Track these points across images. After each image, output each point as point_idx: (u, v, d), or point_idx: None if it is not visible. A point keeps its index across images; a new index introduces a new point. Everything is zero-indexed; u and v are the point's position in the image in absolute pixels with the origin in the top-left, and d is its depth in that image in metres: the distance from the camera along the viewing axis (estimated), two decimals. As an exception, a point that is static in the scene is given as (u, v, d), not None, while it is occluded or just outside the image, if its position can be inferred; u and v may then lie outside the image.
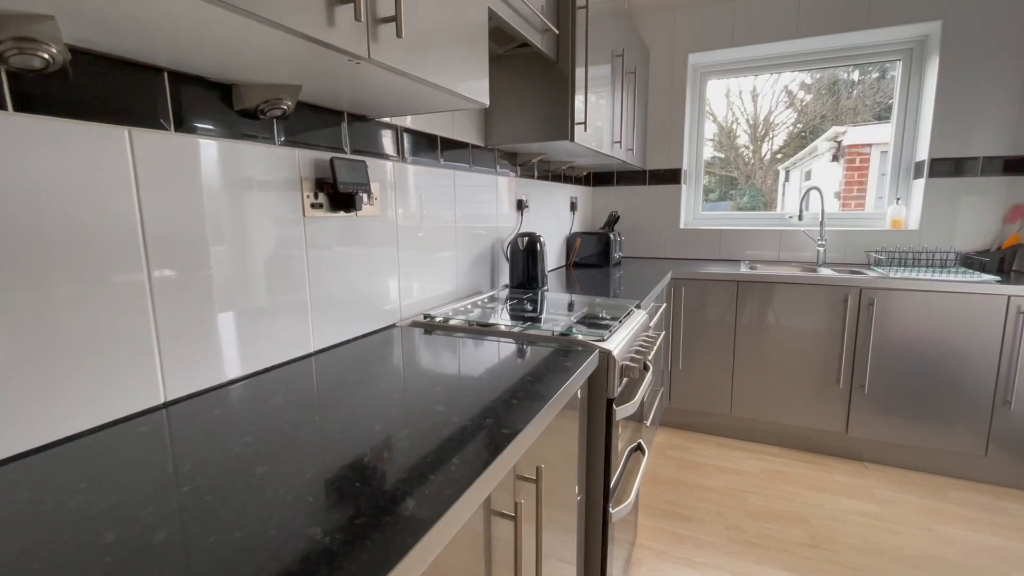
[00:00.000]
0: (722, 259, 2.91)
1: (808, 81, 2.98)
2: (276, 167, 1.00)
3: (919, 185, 2.51)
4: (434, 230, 1.53)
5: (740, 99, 3.15)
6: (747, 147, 3.21)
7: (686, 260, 2.92)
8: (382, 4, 0.77)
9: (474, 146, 1.73)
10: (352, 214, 1.19)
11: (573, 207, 2.81)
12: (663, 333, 1.72)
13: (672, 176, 2.97)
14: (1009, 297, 1.96)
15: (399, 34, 0.77)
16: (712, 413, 2.54)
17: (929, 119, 2.43)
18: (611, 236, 2.62)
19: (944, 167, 2.42)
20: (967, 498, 2.01)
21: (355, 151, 1.20)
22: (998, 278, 2.07)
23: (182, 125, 0.82)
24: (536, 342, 1.18)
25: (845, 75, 2.87)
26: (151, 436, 0.71)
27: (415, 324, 1.37)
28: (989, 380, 2.03)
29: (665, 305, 2.42)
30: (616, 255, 2.70)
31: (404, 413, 0.78)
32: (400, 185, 1.36)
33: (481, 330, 1.28)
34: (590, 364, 1.07)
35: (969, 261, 2.34)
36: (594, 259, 2.67)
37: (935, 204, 2.46)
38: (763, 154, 3.19)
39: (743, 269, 2.52)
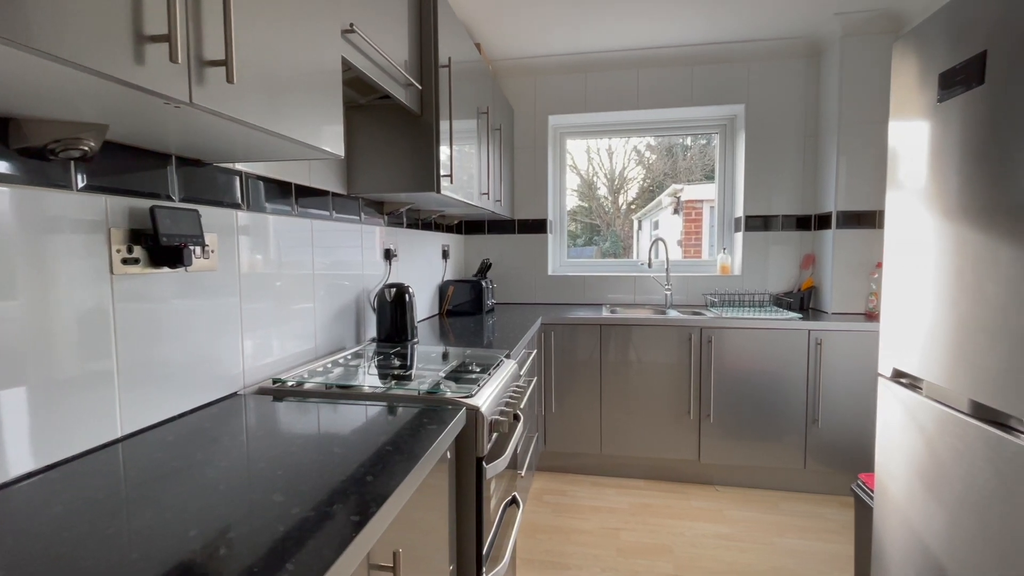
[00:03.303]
0: (587, 303, 3.10)
1: (652, 143, 3.41)
2: (74, 217, 0.83)
3: (739, 237, 2.95)
4: (289, 282, 1.40)
5: (598, 155, 3.48)
6: (607, 198, 3.53)
7: (555, 305, 3.06)
8: (209, 46, 0.70)
9: (335, 194, 1.65)
10: (180, 270, 1.04)
11: (445, 255, 2.81)
12: (535, 379, 1.75)
13: (539, 226, 3.14)
14: (809, 331, 2.35)
15: (230, 79, 0.70)
16: (585, 453, 2.63)
17: (742, 182, 2.90)
18: (484, 283, 2.66)
19: (756, 222, 2.88)
20: (796, 508, 2.30)
21: (186, 199, 1.06)
22: (800, 315, 2.49)
23: (-75, 165, 0.65)
24: (401, 403, 1.11)
25: (680, 140, 3.34)
26: None
27: (263, 391, 1.21)
28: (801, 403, 2.39)
29: (537, 350, 2.48)
30: (489, 302, 2.73)
31: (232, 510, 0.66)
32: (245, 236, 1.23)
33: (339, 393, 1.17)
34: (456, 424, 1.03)
35: (779, 301, 2.78)
36: (468, 306, 2.67)
37: (752, 253, 2.91)
38: (620, 204, 3.54)
39: (605, 313, 2.71)
